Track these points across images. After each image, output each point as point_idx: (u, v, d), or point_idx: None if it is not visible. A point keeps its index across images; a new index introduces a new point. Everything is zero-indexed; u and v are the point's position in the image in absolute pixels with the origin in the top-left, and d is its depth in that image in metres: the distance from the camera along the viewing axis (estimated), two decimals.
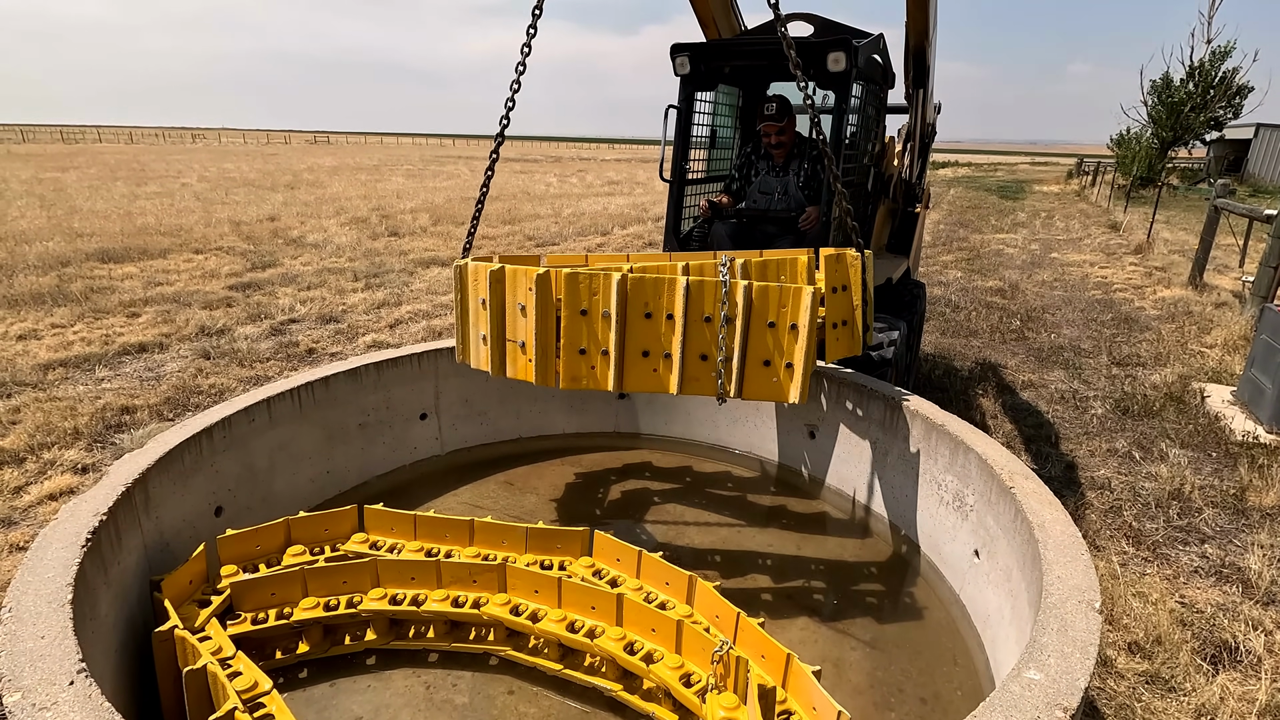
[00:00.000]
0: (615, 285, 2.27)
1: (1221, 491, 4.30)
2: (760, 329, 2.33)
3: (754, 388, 2.38)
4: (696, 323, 2.31)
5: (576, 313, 2.32)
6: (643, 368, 2.37)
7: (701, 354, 2.34)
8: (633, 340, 2.34)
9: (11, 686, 1.42)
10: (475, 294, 2.56)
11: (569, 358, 2.36)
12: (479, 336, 2.58)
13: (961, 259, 12.81)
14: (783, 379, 2.36)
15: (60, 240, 11.13)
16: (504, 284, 2.41)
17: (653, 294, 2.31)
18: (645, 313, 2.32)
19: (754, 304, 2.30)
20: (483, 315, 2.50)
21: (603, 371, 2.36)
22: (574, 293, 2.30)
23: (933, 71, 4.82)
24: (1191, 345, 7.37)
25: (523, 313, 2.37)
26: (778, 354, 2.35)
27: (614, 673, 2.20)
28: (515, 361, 2.45)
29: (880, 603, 2.72)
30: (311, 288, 8.97)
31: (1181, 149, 32.19)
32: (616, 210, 18.76)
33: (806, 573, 2.89)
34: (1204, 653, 2.94)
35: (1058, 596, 1.79)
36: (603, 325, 2.33)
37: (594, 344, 2.35)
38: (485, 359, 2.54)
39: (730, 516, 3.29)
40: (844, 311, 2.70)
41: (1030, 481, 2.38)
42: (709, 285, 2.30)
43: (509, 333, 2.45)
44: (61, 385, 5.45)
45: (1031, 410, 5.58)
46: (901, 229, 5.32)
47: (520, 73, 2.73)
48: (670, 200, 4.31)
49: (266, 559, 2.53)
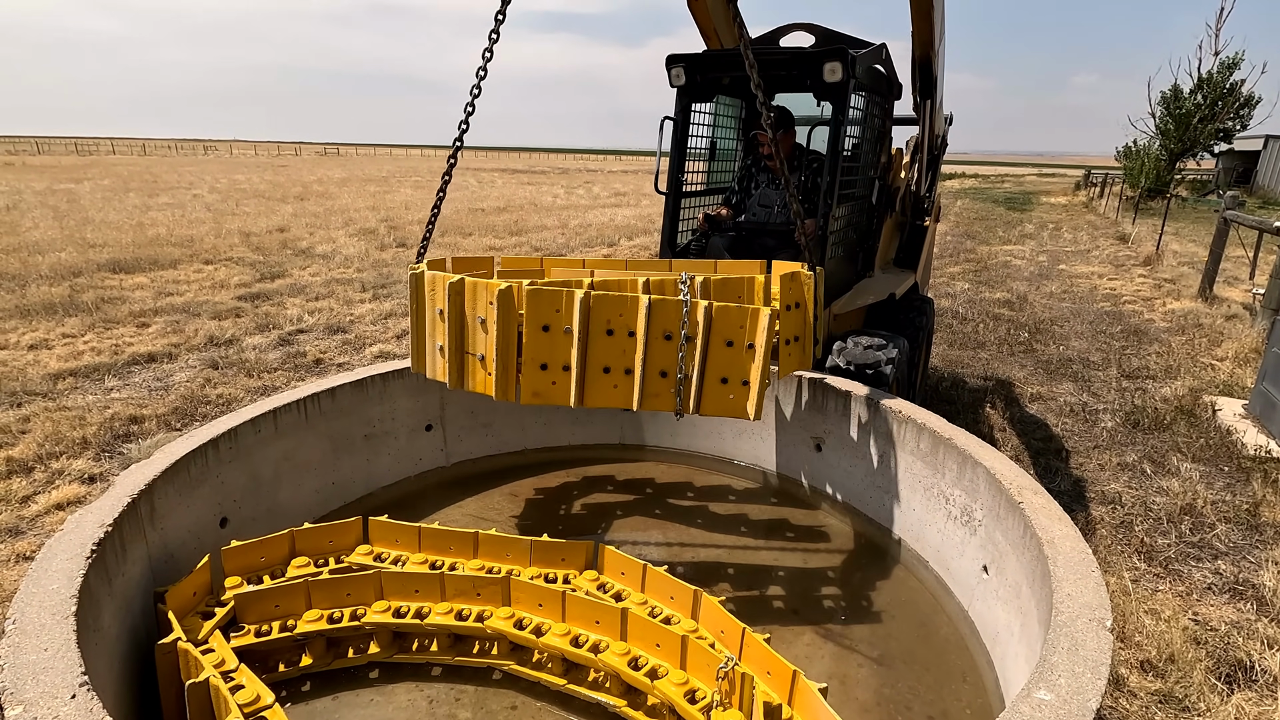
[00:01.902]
0: (579, 302, 2.28)
1: (1234, 507, 4.24)
2: (719, 347, 2.35)
3: (711, 404, 2.40)
4: (657, 340, 2.34)
5: (539, 328, 2.32)
6: (604, 383, 2.38)
7: (661, 370, 2.37)
8: (594, 356, 2.35)
9: (14, 700, 1.42)
10: (432, 304, 2.54)
11: (530, 373, 2.36)
12: (435, 347, 2.56)
13: (969, 270, 12.77)
14: (739, 396, 2.39)
15: (72, 251, 11.25)
16: (464, 296, 2.39)
17: (615, 311, 2.32)
18: (607, 329, 2.33)
19: (714, 323, 2.33)
20: (440, 326, 2.48)
21: (564, 387, 2.36)
22: (537, 308, 2.30)
23: (940, 82, 4.81)
24: (1202, 358, 7.31)
25: (483, 326, 2.35)
26: (735, 372, 2.38)
27: (618, 688, 2.18)
28: (474, 375, 2.44)
29: (887, 618, 2.69)
30: (319, 298, 9.02)
31: (1190, 160, 32.09)
32: (623, 221, 18.82)
33: (812, 587, 2.86)
34: (1218, 672, 2.89)
35: (1068, 614, 1.76)
36: (565, 341, 2.33)
37: (555, 359, 2.35)
38: (442, 370, 2.52)
39: (735, 530, 3.26)
40: (796, 328, 2.70)
41: (1039, 496, 2.35)
42: (671, 304, 2.32)
43: (469, 345, 2.43)
44: (71, 395, 5.49)
45: (1040, 423, 5.54)
46: (909, 243, 5.29)
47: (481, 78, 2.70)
48: (666, 213, 4.29)
49: (271, 570, 2.53)
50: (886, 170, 4.86)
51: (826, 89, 3.69)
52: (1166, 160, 30.39)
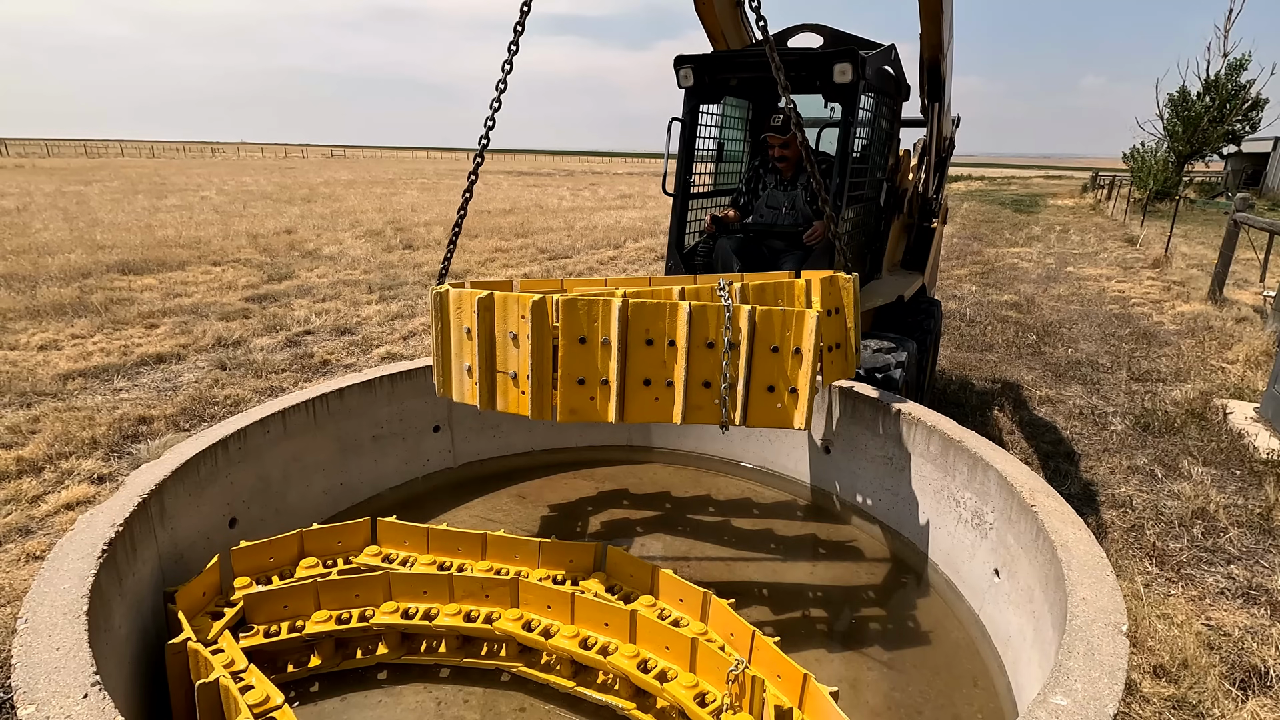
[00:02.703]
0: (616, 311, 2.17)
1: (1247, 510, 4.21)
2: (764, 354, 2.24)
3: (758, 414, 2.28)
4: (699, 349, 2.22)
5: (575, 341, 2.21)
6: (644, 397, 2.27)
7: (704, 381, 2.25)
8: (634, 368, 2.24)
9: (26, 699, 1.42)
10: (459, 323, 2.40)
11: (567, 389, 2.25)
12: (463, 367, 2.42)
13: (976, 272, 12.72)
14: (787, 404, 2.27)
15: (82, 252, 11.32)
16: (493, 312, 2.28)
17: (654, 320, 2.22)
18: (646, 339, 2.22)
19: (758, 328, 2.22)
20: (468, 345, 2.35)
21: (603, 402, 2.25)
22: (572, 320, 2.20)
23: (949, 85, 4.79)
24: (1212, 361, 7.25)
25: (515, 342, 2.24)
26: (781, 379, 2.26)
27: (627, 691, 2.17)
28: (507, 394, 2.32)
29: (897, 622, 2.67)
30: (327, 300, 9.05)
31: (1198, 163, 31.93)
32: (629, 223, 18.83)
33: (821, 590, 2.85)
34: (1232, 677, 2.86)
35: (1083, 619, 1.74)
36: (603, 354, 2.22)
37: (593, 373, 2.24)
38: (471, 392, 2.39)
39: (744, 532, 3.25)
40: (838, 334, 2.61)
41: (1052, 499, 2.33)
42: (712, 310, 2.21)
43: (499, 363, 2.31)
44: (80, 395, 5.51)
45: (1049, 426, 5.51)
46: (917, 244, 5.27)
47: (501, 90, 2.62)
48: (673, 214, 4.27)
49: (280, 571, 2.53)
50: (894, 172, 4.84)
51: (836, 90, 3.67)
52: (1175, 162, 30.25)
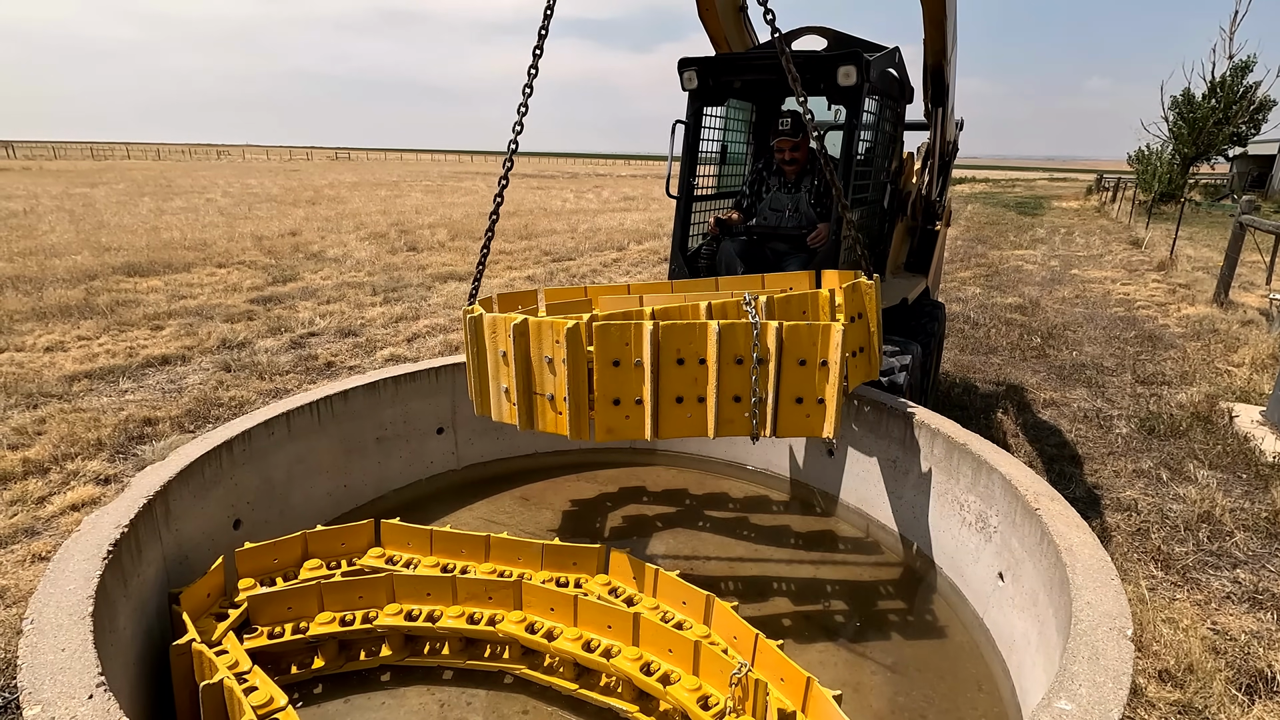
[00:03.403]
0: (648, 334, 2.26)
1: (1253, 514, 4.18)
2: (792, 367, 2.34)
3: (788, 425, 2.39)
4: (729, 365, 2.32)
5: (609, 364, 2.30)
6: (678, 413, 2.37)
7: (734, 395, 2.35)
8: (667, 387, 2.34)
9: (32, 700, 1.42)
10: (494, 346, 2.49)
11: (604, 409, 2.34)
12: (500, 389, 2.52)
13: (980, 275, 12.70)
14: (815, 415, 2.38)
15: (88, 254, 11.37)
16: (528, 337, 2.36)
17: (684, 340, 2.31)
18: (678, 359, 2.32)
19: (785, 343, 2.31)
20: (504, 369, 2.44)
21: (638, 421, 2.35)
22: (606, 344, 2.29)
23: (952, 89, 4.79)
24: (1218, 364, 7.22)
25: (550, 366, 2.33)
26: (809, 391, 2.36)
27: (630, 693, 2.16)
28: (544, 415, 2.42)
29: (901, 626, 2.67)
30: (331, 301, 9.07)
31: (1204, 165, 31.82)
32: (632, 225, 18.85)
33: (825, 594, 2.84)
34: (1238, 682, 2.85)
35: (1088, 623, 1.74)
36: (636, 375, 2.31)
37: (628, 393, 2.33)
38: (510, 413, 2.49)
39: (747, 535, 3.25)
40: (861, 339, 2.69)
41: (1056, 503, 2.32)
42: (740, 328, 2.30)
43: (536, 386, 2.40)
44: (86, 397, 5.53)
45: (1054, 429, 5.49)
46: (920, 247, 5.26)
47: (527, 95, 2.68)
48: (677, 217, 4.28)
49: (284, 572, 2.54)
50: (898, 175, 4.84)
51: (840, 93, 3.67)
52: (1180, 165, 30.14)
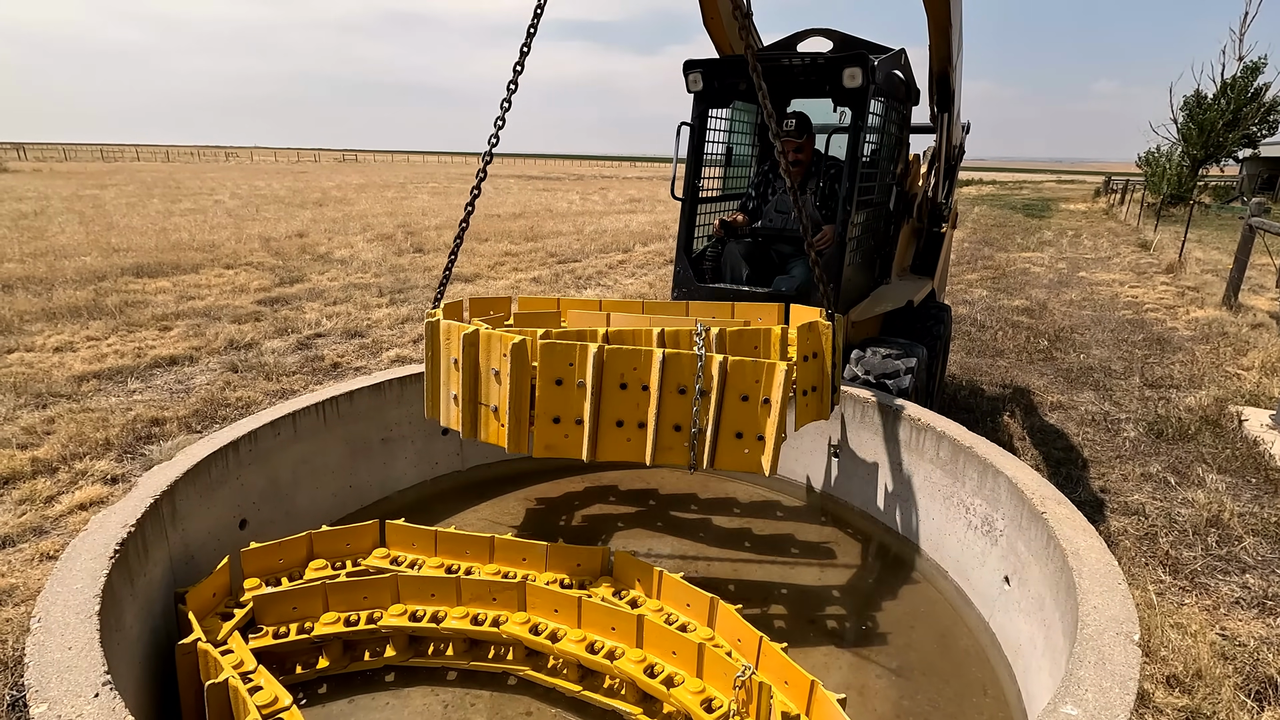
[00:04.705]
0: (592, 356, 2.25)
1: (1262, 519, 4.15)
2: (734, 402, 2.32)
3: (726, 458, 2.37)
4: (671, 394, 2.30)
5: (552, 382, 2.30)
6: (616, 437, 2.36)
7: (675, 424, 2.33)
8: (608, 410, 2.33)
9: (38, 698, 1.43)
10: (447, 353, 2.51)
11: (543, 426, 2.34)
12: (449, 395, 2.54)
13: (987, 277, 12.65)
14: (754, 450, 2.35)
15: (97, 255, 11.45)
16: (478, 347, 2.38)
17: (628, 365, 2.30)
18: (621, 383, 2.31)
19: (729, 377, 2.29)
20: (454, 375, 2.46)
21: (576, 440, 2.35)
22: (550, 362, 2.29)
23: (958, 95, 4.78)
24: (1227, 367, 7.17)
25: (496, 378, 2.34)
26: (750, 426, 2.34)
27: (634, 696, 2.16)
28: (487, 425, 2.43)
29: (906, 629, 2.65)
30: (338, 303, 9.11)
31: (1213, 167, 31.61)
32: (638, 227, 18.86)
33: (829, 596, 2.83)
34: (1247, 688, 2.82)
35: (1094, 628, 1.73)
36: (578, 395, 2.31)
37: (568, 413, 2.33)
38: (455, 419, 2.50)
39: (751, 537, 3.24)
40: (814, 378, 2.66)
41: (1063, 507, 2.31)
42: (685, 358, 2.29)
43: (482, 396, 2.41)
44: (94, 397, 5.57)
45: (1060, 433, 5.46)
46: (926, 250, 5.25)
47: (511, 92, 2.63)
48: (682, 218, 4.28)
49: (289, 573, 2.54)
50: (904, 177, 4.83)
51: (846, 95, 3.66)
52: (1189, 167, 29.95)
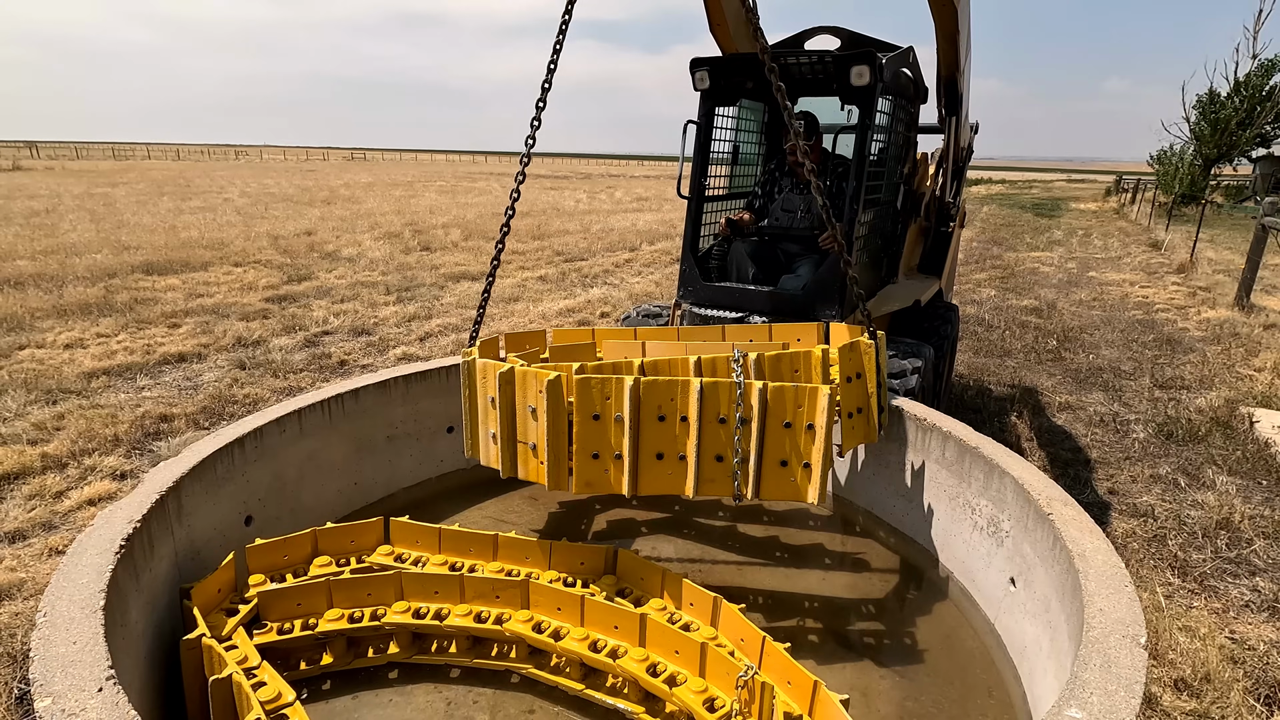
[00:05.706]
0: (629, 390, 2.22)
1: (1273, 522, 4.11)
2: (776, 429, 2.26)
3: (771, 488, 2.32)
4: (711, 424, 2.26)
5: (589, 417, 2.28)
6: (657, 470, 2.33)
7: (717, 455, 2.29)
8: (647, 443, 2.30)
9: (43, 692, 1.44)
10: (484, 391, 2.51)
11: (582, 462, 2.31)
12: (488, 434, 2.53)
13: (995, 277, 12.58)
14: (800, 479, 2.30)
15: (108, 253, 11.54)
16: (514, 385, 2.37)
17: (666, 397, 2.27)
18: (659, 415, 2.28)
19: (769, 405, 2.24)
20: (492, 414, 2.45)
21: (616, 475, 2.32)
22: (586, 397, 2.26)
23: (966, 97, 4.75)
24: (1239, 368, 7.11)
25: (534, 416, 2.32)
26: (794, 454, 2.28)
27: (636, 694, 2.16)
28: (527, 464, 2.42)
29: (910, 630, 2.64)
30: (345, 301, 9.15)
31: (1226, 166, 31.33)
32: (645, 226, 18.85)
33: (833, 597, 2.82)
34: (1257, 693, 2.79)
35: (1100, 630, 1.71)
36: (616, 429, 2.28)
37: (607, 448, 2.31)
38: (495, 457, 2.50)
39: (755, 537, 3.23)
40: (859, 399, 2.61)
41: (1069, 508, 2.29)
42: (723, 386, 2.24)
43: (520, 434, 2.40)
44: (104, 393, 5.61)
45: (1068, 433, 5.42)
46: (934, 249, 5.23)
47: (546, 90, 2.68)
48: (688, 217, 4.28)
49: (293, 569, 2.55)
50: (911, 176, 4.80)
51: (853, 93, 3.64)
52: (1201, 166, 29.70)
